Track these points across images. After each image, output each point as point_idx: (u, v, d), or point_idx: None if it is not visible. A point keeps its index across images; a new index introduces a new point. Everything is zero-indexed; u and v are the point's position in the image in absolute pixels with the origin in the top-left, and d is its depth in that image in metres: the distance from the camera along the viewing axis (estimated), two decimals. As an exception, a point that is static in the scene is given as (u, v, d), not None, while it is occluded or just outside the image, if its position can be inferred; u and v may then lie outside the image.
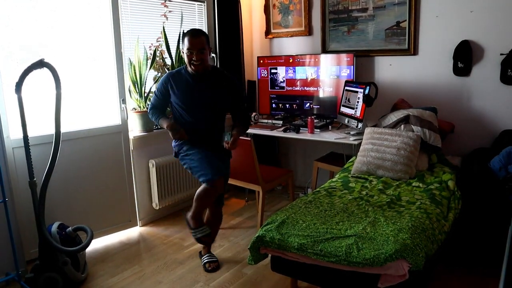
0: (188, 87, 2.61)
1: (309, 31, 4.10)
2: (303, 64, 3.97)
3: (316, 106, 3.96)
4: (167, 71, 3.66)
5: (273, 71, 4.17)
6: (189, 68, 2.60)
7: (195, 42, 2.47)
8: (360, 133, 3.32)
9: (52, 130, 2.44)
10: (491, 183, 2.70)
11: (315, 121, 3.70)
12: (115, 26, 3.16)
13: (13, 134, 2.67)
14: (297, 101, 4.08)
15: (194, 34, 2.50)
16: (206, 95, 2.61)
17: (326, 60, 3.83)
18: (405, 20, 3.51)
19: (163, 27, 3.59)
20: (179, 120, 2.66)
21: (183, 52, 2.55)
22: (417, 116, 3.09)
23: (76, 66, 3.01)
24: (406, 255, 1.85)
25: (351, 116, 3.44)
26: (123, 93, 3.26)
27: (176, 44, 3.70)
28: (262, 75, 4.24)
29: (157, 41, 3.63)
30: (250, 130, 3.85)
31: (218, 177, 2.47)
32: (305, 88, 4.00)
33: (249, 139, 3.04)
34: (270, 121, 4.09)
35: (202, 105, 2.61)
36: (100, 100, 3.19)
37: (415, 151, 2.88)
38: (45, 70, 2.36)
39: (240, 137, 2.73)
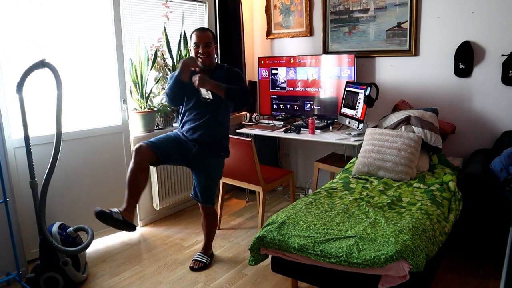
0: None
1: (310, 32, 4.10)
2: (304, 65, 3.97)
3: (317, 107, 3.96)
4: (168, 72, 3.67)
5: (274, 71, 4.17)
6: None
7: (202, 36, 2.62)
8: (361, 134, 3.32)
9: (53, 130, 2.44)
10: (492, 184, 2.69)
11: (316, 121, 3.70)
12: (117, 26, 3.16)
13: (14, 134, 2.68)
14: (298, 101, 4.08)
15: (201, 30, 2.68)
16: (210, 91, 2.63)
17: (327, 60, 3.83)
18: (406, 21, 3.51)
19: (164, 27, 3.60)
20: (184, 116, 2.73)
21: (190, 50, 2.68)
22: (418, 117, 3.09)
23: (77, 66, 3.01)
24: (406, 256, 1.85)
25: (352, 117, 3.44)
26: (124, 94, 3.26)
27: (177, 45, 3.71)
28: (263, 75, 4.24)
29: (158, 42, 3.64)
30: (251, 131, 3.86)
31: (146, 144, 2.51)
32: (306, 88, 4.00)
33: (249, 139, 3.04)
34: (271, 121, 4.09)
35: (205, 101, 2.64)
36: (101, 100, 3.19)
37: (416, 152, 2.88)
38: (46, 70, 2.36)
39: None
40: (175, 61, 3.69)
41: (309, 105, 4.01)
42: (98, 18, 3.10)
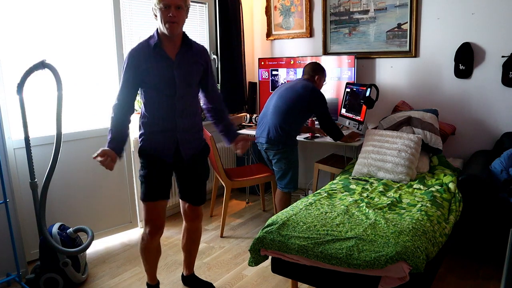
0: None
1: (310, 33, 4.10)
2: (304, 66, 3.96)
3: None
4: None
5: (274, 72, 4.17)
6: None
7: None
8: (361, 135, 3.32)
9: (53, 131, 2.45)
10: (492, 185, 2.69)
11: (316, 122, 3.70)
12: (117, 26, 3.16)
13: (15, 135, 2.68)
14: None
15: None
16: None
17: (327, 62, 3.83)
18: (406, 22, 3.51)
19: (165, 28, 3.60)
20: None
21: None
22: (418, 118, 3.09)
23: (77, 67, 3.01)
24: (406, 257, 1.85)
25: (352, 118, 3.44)
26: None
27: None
28: (263, 76, 4.24)
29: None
30: (251, 132, 3.85)
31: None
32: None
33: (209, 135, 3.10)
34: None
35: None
36: (102, 101, 3.19)
37: (416, 153, 2.88)
38: (46, 71, 2.36)
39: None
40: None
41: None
42: (98, 18, 3.10)
